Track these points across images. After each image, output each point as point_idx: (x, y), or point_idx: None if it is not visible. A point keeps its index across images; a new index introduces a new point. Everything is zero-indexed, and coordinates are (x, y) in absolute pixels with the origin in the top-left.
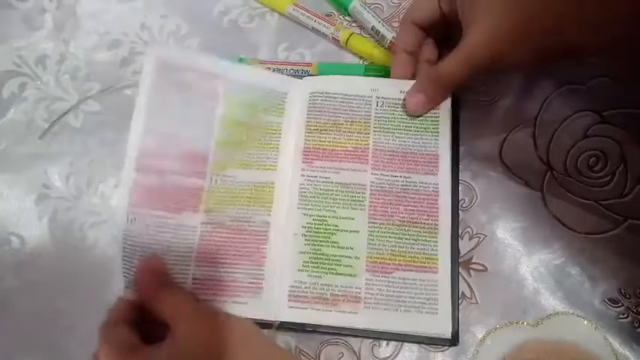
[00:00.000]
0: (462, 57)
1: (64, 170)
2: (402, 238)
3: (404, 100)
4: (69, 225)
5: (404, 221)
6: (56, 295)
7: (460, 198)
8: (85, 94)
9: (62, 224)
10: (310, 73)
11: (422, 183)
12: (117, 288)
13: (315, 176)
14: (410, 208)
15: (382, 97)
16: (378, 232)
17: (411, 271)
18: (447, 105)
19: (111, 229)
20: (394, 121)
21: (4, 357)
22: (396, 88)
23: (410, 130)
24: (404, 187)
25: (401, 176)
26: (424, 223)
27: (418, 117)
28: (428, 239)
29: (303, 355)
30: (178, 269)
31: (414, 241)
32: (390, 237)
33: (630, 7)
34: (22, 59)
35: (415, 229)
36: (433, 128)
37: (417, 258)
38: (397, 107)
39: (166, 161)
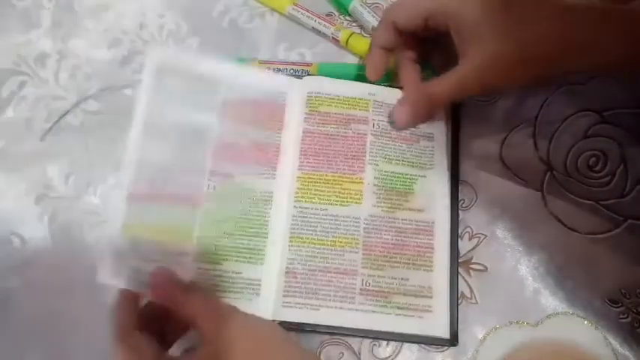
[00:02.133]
0: (454, 83)
1: (64, 170)
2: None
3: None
4: (69, 225)
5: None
6: (56, 295)
7: (460, 198)
8: (84, 92)
9: (62, 224)
10: (310, 73)
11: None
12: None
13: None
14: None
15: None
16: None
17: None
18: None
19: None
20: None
21: (4, 357)
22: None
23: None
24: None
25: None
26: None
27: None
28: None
29: None
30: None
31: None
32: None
33: (626, 28)
34: (21, 57)
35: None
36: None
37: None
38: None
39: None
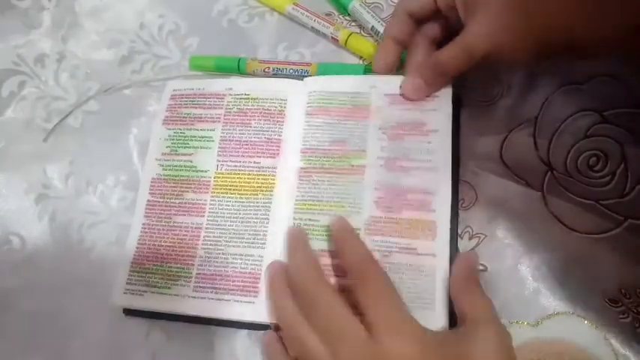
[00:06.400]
0: (462, 46)
1: (64, 170)
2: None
3: (401, 86)
4: (68, 225)
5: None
6: (56, 295)
7: (460, 198)
8: (84, 93)
9: (62, 224)
10: (310, 73)
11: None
12: (119, 288)
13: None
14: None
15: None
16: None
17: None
18: (445, 102)
19: (112, 231)
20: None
21: (4, 357)
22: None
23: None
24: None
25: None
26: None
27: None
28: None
29: None
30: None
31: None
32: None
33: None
34: (20, 58)
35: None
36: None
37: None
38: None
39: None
